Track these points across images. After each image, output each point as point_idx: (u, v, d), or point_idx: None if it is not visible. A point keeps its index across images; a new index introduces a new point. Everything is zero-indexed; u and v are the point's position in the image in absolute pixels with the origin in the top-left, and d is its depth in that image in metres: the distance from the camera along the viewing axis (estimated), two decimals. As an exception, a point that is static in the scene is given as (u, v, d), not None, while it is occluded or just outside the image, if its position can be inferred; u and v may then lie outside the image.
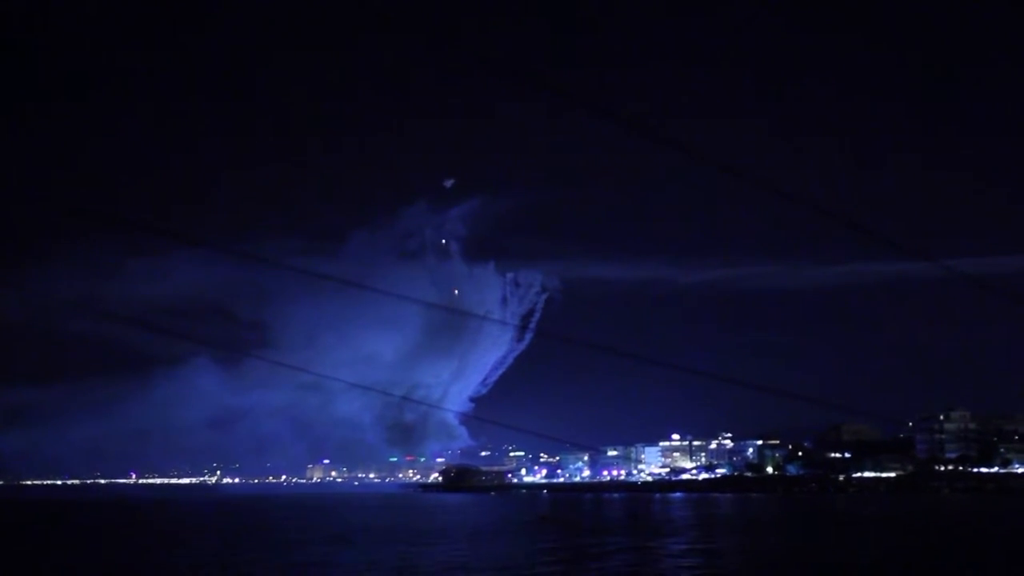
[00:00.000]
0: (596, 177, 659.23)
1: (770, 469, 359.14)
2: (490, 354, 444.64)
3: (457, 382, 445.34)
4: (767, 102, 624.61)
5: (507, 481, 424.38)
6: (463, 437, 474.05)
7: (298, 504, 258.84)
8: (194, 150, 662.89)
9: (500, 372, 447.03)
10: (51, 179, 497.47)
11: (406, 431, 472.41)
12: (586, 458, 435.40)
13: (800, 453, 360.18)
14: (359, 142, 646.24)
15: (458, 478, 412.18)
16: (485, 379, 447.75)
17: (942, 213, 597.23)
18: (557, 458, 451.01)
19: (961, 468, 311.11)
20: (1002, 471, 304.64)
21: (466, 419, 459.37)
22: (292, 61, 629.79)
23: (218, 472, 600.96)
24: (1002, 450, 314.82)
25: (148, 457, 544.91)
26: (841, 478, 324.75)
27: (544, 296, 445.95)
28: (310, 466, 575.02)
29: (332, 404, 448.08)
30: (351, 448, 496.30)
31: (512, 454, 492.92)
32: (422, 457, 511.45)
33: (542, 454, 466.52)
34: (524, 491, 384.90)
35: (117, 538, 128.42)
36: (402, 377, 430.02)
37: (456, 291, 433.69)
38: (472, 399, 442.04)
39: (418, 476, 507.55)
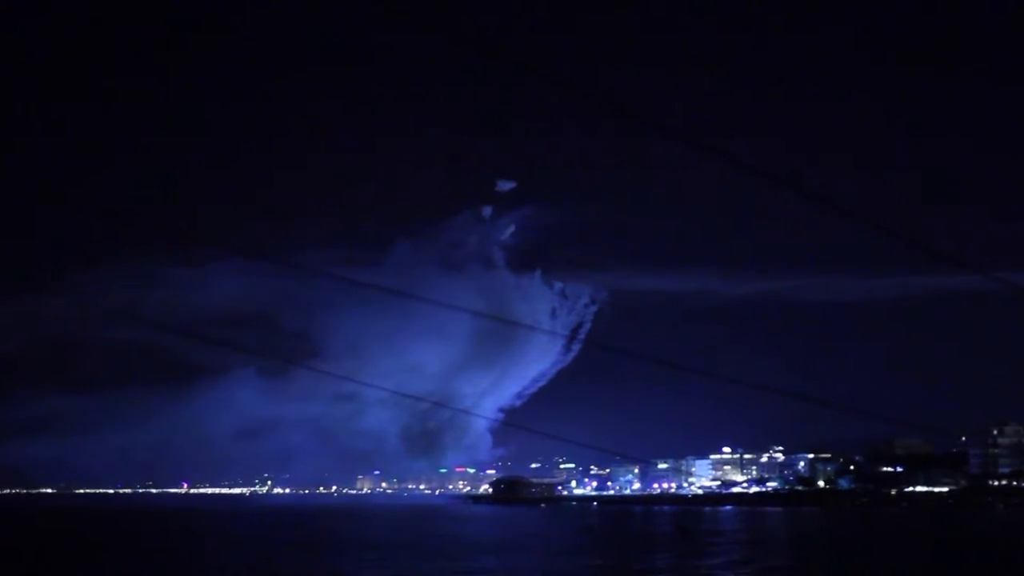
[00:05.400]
0: (646, 189, 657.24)
1: (821, 483, 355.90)
2: (533, 366, 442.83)
3: (491, 393, 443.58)
4: (816, 115, 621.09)
5: (557, 493, 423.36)
6: (485, 448, 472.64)
7: (331, 515, 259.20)
8: (239, 161, 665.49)
9: (540, 385, 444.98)
10: (95, 189, 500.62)
11: (429, 440, 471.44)
12: (636, 470, 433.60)
13: (852, 467, 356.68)
14: (405, 152, 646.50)
15: (508, 490, 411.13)
16: (521, 391, 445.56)
17: (996, 225, 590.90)
18: (607, 470, 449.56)
19: (1015, 483, 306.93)
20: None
21: (500, 428, 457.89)
22: (341, 72, 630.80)
23: (268, 482, 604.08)
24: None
25: (196, 467, 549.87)
26: (893, 492, 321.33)
27: (594, 308, 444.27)
28: (360, 477, 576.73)
29: (365, 415, 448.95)
30: (372, 458, 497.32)
31: (562, 466, 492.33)
32: (471, 468, 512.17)
33: (592, 466, 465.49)
34: (574, 503, 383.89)
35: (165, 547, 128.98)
36: (443, 387, 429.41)
37: (504, 302, 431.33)
38: (503, 410, 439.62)
39: (468, 487, 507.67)
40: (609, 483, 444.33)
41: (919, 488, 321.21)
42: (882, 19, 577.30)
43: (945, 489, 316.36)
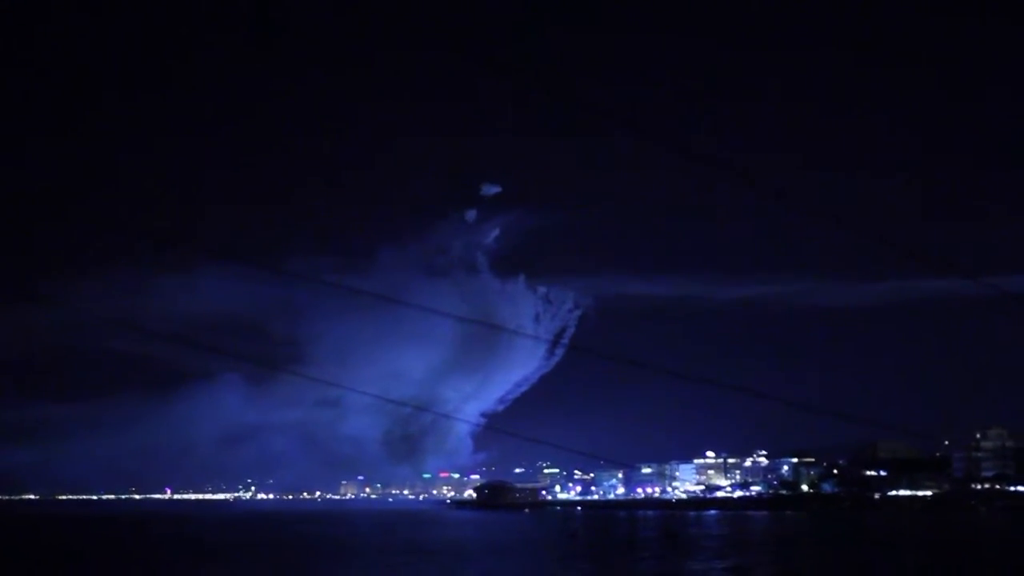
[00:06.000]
0: (632, 193, 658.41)
1: (805, 487, 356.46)
2: (516, 371, 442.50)
3: (474, 398, 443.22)
4: (808, 120, 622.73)
5: (541, 498, 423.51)
6: (466, 452, 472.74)
7: (315, 520, 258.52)
8: (226, 168, 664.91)
9: (523, 390, 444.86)
10: (85, 196, 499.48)
11: (410, 445, 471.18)
12: (620, 475, 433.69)
13: (835, 471, 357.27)
14: (390, 157, 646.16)
15: (492, 495, 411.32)
16: (503, 396, 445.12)
17: (982, 230, 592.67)
18: (591, 475, 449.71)
19: (998, 487, 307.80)
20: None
21: (482, 433, 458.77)
22: (325, 78, 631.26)
23: (252, 488, 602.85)
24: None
25: (180, 472, 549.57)
26: (876, 496, 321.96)
27: (577, 313, 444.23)
28: (344, 482, 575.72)
29: (348, 420, 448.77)
30: (355, 464, 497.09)
31: (546, 471, 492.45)
32: (455, 474, 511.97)
33: (576, 471, 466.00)
34: (558, 508, 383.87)
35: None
36: (426, 392, 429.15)
37: (488, 307, 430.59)
38: (485, 415, 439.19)
39: (452, 492, 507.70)
40: (593, 488, 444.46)
41: (903, 492, 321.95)
42: (871, 23, 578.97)
43: (929, 493, 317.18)
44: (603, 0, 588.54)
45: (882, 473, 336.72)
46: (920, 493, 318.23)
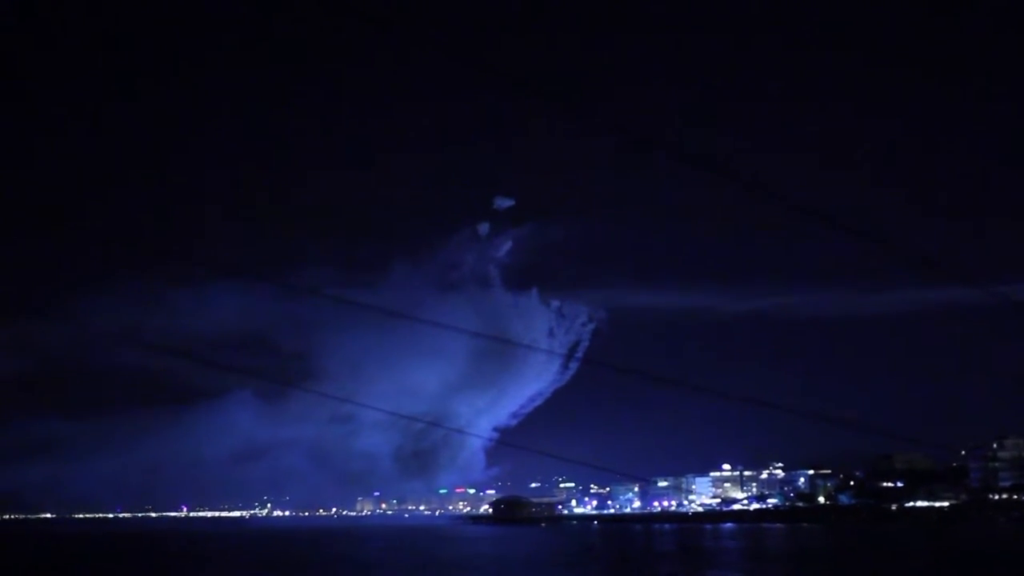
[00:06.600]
0: (644, 205, 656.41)
1: (821, 499, 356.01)
2: (530, 386, 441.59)
3: (487, 412, 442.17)
4: (816, 129, 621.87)
5: (557, 512, 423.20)
6: (479, 467, 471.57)
7: (331, 536, 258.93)
8: (236, 181, 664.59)
9: (536, 404, 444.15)
10: (92, 210, 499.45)
11: (421, 461, 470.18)
12: (636, 489, 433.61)
13: (852, 483, 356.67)
14: (401, 171, 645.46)
15: (508, 510, 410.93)
16: (517, 411, 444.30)
17: (995, 238, 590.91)
18: (607, 489, 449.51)
19: (1016, 497, 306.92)
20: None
21: (495, 448, 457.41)
22: (333, 89, 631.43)
23: (268, 505, 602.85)
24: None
25: (194, 490, 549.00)
26: (894, 508, 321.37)
27: (591, 327, 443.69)
28: (360, 498, 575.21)
29: (361, 436, 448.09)
30: (368, 480, 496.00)
31: (562, 485, 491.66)
32: (470, 489, 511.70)
33: (592, 485, 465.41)
34: (575, 522, 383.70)
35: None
36: (439, 407, 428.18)
37: (501, 321, 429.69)
38: (497, 429, 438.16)
39: (468, 508, 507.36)
40: (609, 502, 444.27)
41: (920, 503, 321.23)
42: (879, 29, 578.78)
43: (946, 504, 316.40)
44: (617, 6, 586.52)
45: (899, 484, 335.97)
46: (937, 504, 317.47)
